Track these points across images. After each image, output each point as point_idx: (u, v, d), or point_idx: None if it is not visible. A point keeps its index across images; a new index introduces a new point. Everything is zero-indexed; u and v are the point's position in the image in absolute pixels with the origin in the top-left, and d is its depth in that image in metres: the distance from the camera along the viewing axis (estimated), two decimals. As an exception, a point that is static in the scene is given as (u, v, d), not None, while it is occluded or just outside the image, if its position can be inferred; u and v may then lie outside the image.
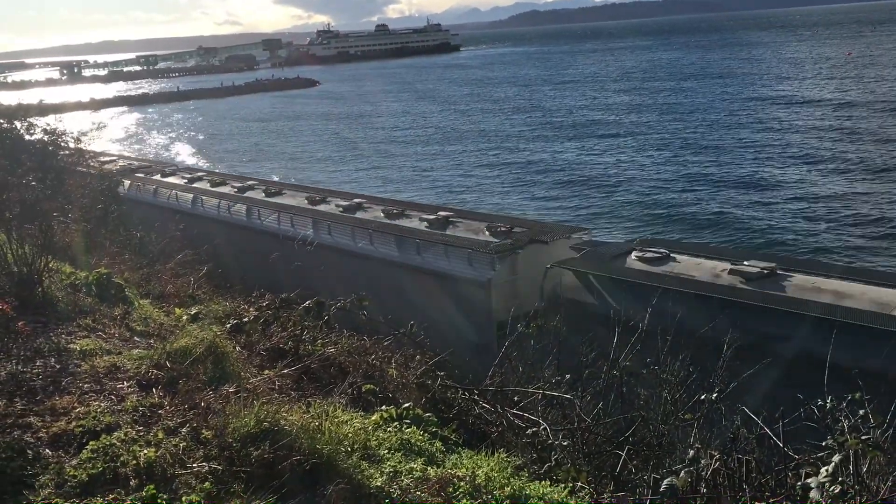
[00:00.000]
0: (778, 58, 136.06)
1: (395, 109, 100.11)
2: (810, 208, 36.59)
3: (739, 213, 36.81)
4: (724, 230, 34.65)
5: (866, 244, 31.12)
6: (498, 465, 5.52)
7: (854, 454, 4.16)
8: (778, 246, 31.08)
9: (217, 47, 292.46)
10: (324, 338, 8.72)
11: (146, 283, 11.18)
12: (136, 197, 29.79)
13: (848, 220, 34.20)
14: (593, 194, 44.00)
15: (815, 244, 31.38)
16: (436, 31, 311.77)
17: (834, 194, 38.61)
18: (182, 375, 6.03)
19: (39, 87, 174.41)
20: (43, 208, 8.21)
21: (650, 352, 7.85)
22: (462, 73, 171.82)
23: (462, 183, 50.40)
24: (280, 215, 24.47)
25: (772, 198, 39.15)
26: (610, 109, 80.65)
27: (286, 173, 54.45)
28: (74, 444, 4.84)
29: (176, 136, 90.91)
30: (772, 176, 43.56)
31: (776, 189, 40.75)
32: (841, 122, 60.23)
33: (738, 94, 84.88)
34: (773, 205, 37.85)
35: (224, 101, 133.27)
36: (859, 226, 33.35)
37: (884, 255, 29.74)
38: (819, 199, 37.81)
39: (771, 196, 39.51)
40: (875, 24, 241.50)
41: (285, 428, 5.05)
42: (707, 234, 34.39)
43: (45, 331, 6.95)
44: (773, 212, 36.61)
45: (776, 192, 40.10)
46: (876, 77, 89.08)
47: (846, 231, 32.93)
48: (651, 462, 6.15)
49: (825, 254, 29.82)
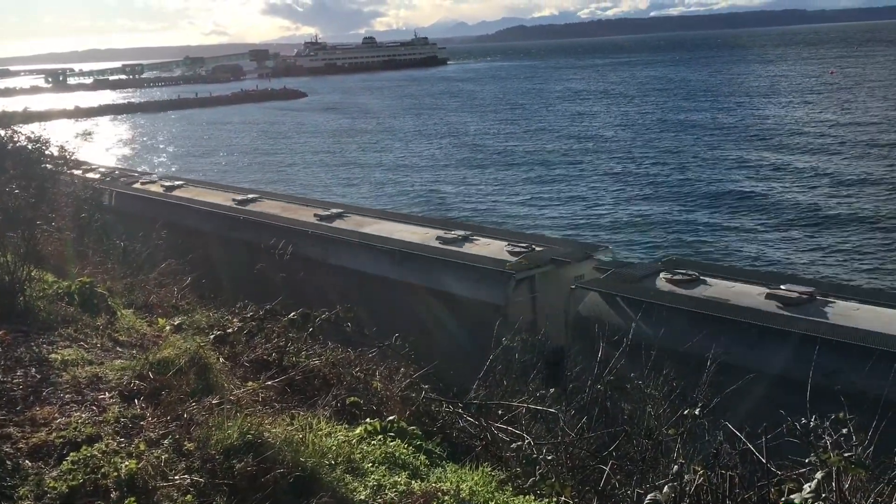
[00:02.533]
0: (791, 74, 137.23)
1: (389, 124, 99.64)
2: (829, 231, 35.83)
3: (758, 233, 36.20)
4: (745, 250, 34.00)
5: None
6: (482, 478, 5.52)
7: (836, 471, 4.18)
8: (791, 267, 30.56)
9: (204, 57, 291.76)
10: (308, 349, 8.68)
11: (130, 293, 11.08)
12: (119, 206, 29.60)
13: (881, 243, 33.31)
14: (604, 212, 43.17)
15: (852, 269, 30.59)
16: (423, 45, 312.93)
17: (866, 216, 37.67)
18: (165, 386, 5.98)
19: (24, 95, 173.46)
20: (26, 216, 8.15)
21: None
22: (452, 85, 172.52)
23: (466, 198, 49.99)
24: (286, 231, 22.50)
25: (789, 219, 38.59)
26: (609, 131, 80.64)
27: (284, 186, 53.88)
28: (55, 456, 4.78)
29: (161, 146, 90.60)
30: (793, 198, 42.82)
31: (792, 210, 40.18)
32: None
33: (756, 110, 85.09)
34: (786, 227, 37.21)
35: (211, 111, 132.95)
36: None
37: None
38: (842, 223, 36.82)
39: (788, 217, 38.93)
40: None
41: (269, 440, 5.02)
42: (731, 254, 33.58)
43: (27, 340, 6.88)
44: (791, 232, 36.06)
45: (791, 213, 39.50)
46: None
47: (880, 255, 32.11)
48: (635, 477, 6.16)
49: (857, 276, 29.23)
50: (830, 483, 4.20)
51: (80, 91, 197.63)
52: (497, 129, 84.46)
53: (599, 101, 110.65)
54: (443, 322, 16.98)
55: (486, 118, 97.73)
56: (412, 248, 19.73)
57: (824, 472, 4.08)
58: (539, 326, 15.03)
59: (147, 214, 25.87)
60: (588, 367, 8.16)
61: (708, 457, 5.35)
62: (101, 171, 36.15)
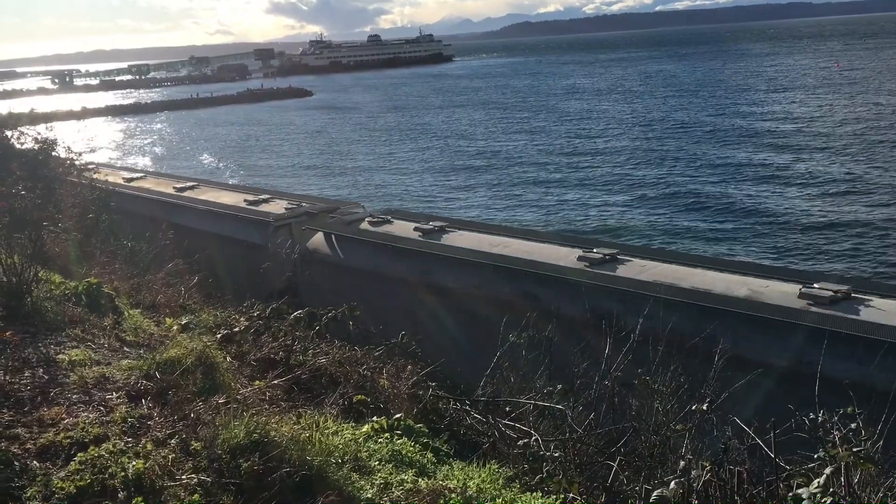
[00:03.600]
0: (782, 67, 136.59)
1: (407, 121, 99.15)
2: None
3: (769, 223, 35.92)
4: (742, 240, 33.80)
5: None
6: (489, 476, 5.51)
7: (846, 466, 4.16)
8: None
9: (209, 57, 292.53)
10: (315, 348, 8.69)
11: (137, 293, 11.11)
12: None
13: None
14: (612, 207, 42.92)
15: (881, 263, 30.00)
16: (428, 42, 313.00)
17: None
18: (172, 386, 6.00)
19: (31, 96, 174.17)
20: (33, 217, 8.17)
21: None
22: (457, 83, 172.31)
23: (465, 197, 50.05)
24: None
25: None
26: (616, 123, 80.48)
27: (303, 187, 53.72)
28: (62, 456, 4.80)
29: (167, 145, 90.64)
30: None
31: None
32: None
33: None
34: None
35: (218, 110, 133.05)
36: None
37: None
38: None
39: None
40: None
41: (275, 439, 5.02)
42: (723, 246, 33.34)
43: (34, 341, 6.90)
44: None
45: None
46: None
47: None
48: (643, 473, 6.14)
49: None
50: (839, 478, 4.17)
51: (86, 92, 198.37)
52: (506, 127, 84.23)
53: (604, 97, 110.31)
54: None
55: (492, 116, 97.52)
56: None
57: (833, 467, 4.05)
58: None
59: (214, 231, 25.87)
60: (594, 363, 8.14)
61: (716, 452, 5.33)
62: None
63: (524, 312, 10.25)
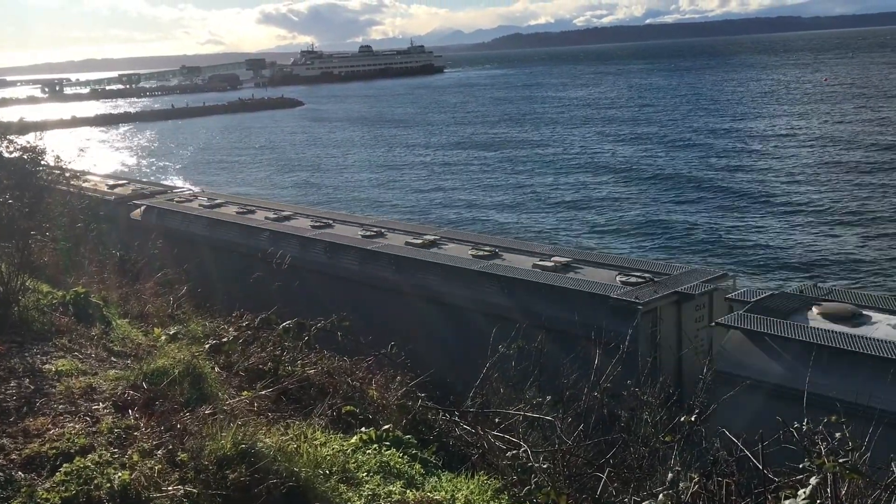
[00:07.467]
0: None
1: (388, 133, 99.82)
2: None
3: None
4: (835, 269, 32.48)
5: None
6: (478, 487, 5.49)
7: (833, 477, 4.16)
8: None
9: (200, 66, 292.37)
10: (304, 358, 8.65)
11: (125, 303, 11.06)
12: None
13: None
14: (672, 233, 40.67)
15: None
16: (419, 53, 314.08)
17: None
18: (159, 396, 5.96)
19: (21, 105, 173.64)
20: (20, 226, 8.13)
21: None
22: (448, 94, 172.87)
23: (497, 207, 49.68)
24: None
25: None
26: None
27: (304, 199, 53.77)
28: (48, 467, 4.75)
29: (156, 155, 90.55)
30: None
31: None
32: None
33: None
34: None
35: (209, 120, 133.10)
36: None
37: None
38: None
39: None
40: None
41: (263, 450, 4.99)
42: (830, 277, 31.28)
43: (20, 351, 6.85)
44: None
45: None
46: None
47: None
48: (632, 485, 6.13)
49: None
50: (827, 489, 4.18)
51: (76, 101, 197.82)
52: (505, 137, 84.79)
53: (591, 108, 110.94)
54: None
55: (482, 127, 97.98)
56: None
57: (819, 477, 4.06)
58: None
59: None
60: (584, 375, 8.14)
61: (705, 464, 5.33)
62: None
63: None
